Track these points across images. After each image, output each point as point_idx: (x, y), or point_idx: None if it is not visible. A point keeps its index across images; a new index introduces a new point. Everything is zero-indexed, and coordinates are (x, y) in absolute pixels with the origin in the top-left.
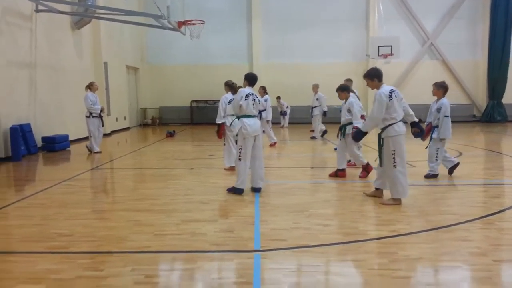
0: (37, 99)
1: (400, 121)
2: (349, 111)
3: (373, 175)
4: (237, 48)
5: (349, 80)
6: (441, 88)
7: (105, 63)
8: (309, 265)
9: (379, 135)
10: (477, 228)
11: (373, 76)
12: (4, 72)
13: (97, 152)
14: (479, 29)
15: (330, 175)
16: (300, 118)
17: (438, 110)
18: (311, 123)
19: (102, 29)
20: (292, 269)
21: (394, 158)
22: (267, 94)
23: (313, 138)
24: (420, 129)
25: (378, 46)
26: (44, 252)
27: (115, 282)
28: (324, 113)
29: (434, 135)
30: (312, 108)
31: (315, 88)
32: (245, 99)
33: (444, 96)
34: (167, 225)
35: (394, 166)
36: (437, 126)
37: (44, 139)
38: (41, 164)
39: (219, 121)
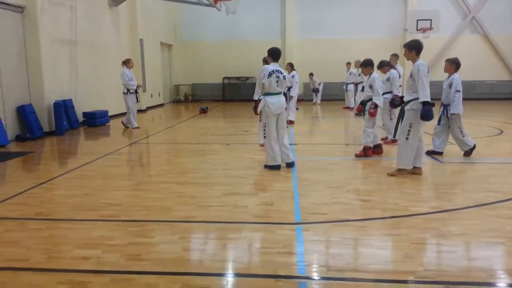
0: (78, 75)
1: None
2: (371, 87)
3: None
4: (270, 24)
5: (395, 55)
6: (453, 64)
7: (141, 40)
8: (351, 238)
9: (402, 107)
10: None
11: (412, 48)
12: (48, 49)
13: (135, 128)
14: None
15: (357, 155)
16: (332, 95)
17: (450, 86)
18: (343, 99)
19: (138, 6)
20: (334, 241)
21: (409, 130)
22: (294, 70)
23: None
24: (400, 99)
25: (417, 20)
26: (97, 220)
27: (166, 249)
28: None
29: (449, 114)
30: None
31: (348, 65)
32: (268, 77)
33: (455, 72)
34: (210, 197)
35: (407, 138)
36: (449, 104)
37: (85, 114)
38: (83, 139)
39: (256, 97)
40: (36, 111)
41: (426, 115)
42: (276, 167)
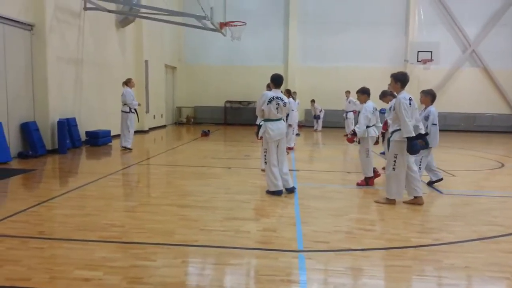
0: (82, 94)
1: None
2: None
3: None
4: (273, 50)
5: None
6: (428, 95)
7: (146, 61)
8: (354, 268)
9: (389, 138)
10: None
11: (398, 80)
12: (54, 67)
13: (129, 149)
14: None
15: (358, 184)
16: (333, 122)
17: (426, 118)
18: (344, 127)
19: (144, 28)
20: (337, 271)
21: (395, 161)
22: (291, 97)
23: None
24: (425, 141)
25: (418, 52)
26: (98, 240)
27: (168, 273)
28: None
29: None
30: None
31: (347, 94)
32: (268, 103)
33: (432, 104)
34: (212, 221)
35: (393, 168)
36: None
37: (87, 133)
38: (85, 158)
39: (258, 122)
40: (40, 128)
41: (412, 149)
42: (278, 193)
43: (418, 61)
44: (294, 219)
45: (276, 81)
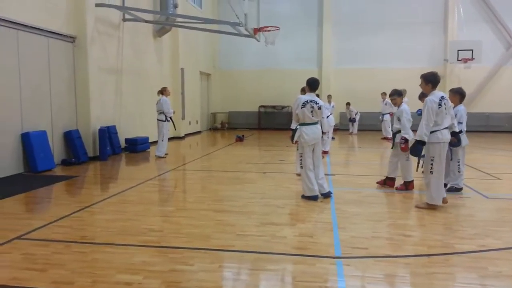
0: (122, 103)
1: (444, 128)
2: (399, 119)
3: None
4: (307, 53)
5: None
6: (457, 94)
7: (182, 69)
8: (393, 275)
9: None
10: None
11: (428, 81)
12: (95, 77)
13: (165, 156)
14: None
15: (378, 183)
16: (369, 125)
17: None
18: (380, 130)
19: (180, 37)
20: (377, 278)
21: (432, 164)
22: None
23: None
24: (457, 139)
25: (458, 50)
26: (139, 245)
27: (206, 277)
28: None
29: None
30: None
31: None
32: (302, 107)
33: (461, 103)
34: (248, 226)
35: (431, 172)
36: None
37: (127, 140)
38: (124, 164)
39: (293, 126)
40: (82, 136)
41: (414, 152)
42: (314, 198)
43: (458, 60)
44: (330, 225)
45: (312, 85)
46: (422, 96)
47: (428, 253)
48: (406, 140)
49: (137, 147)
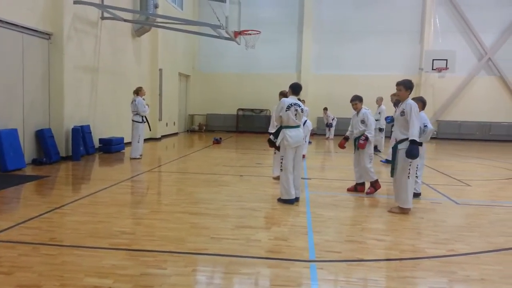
0: (97, 102)
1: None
2: (362, 121)
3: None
4: (287, 58)
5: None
6: (419, 102)
7: (160, 69)
8: (366, 279)
9: (396, 147)
10: None
11: (408, 87)
12: (71, 75)
13: (139, 157)
14: None
15: (349, 189)
16: (345, 130)
17: None
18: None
19: (160, 37)
20: (349, 282)
21: (409, 169)
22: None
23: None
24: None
25: (433, 60)
26: (109, 248)
27: (179, 282)
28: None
29: None
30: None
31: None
32: (286, 110)
33: (422, 110)
34: (222, 229)
35: (408, 176)
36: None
37: (101, 140)
38: (98, 165)
39: (271, 130)
40: (54, 135)
41: (412, 153)
42: (291, 201)
43: (433, 69)
44: (305, 228)
45: (296, 89)
46: (398, 103)
47: (400, 257)
48: (367, 138)
49: (112, 147)
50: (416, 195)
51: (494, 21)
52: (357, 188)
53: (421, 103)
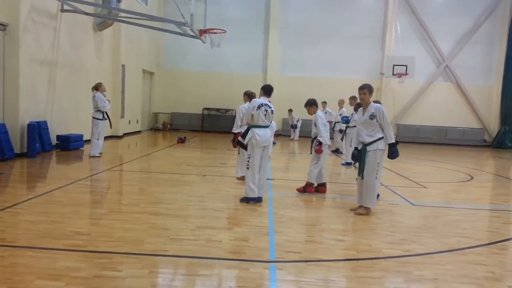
0: (55, 97)
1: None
2: (315, 124)
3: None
4: (253, 59)
5: (354, 98)
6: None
7: (123, 65)
8: (324, 279)
9: (365, 149)
10: (492, 253)
11: (372, 91)
12: (27, 69)
13: (99, 155)
14: (495, 55)
15: (309, 191)
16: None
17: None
18: None
19: (122, 33)
20: (308, 282)
21: (377, 170)
22: None
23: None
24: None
25: (393, 65)
26: (63, 249)
27: (134, 284)
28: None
29: None
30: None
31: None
32: (257, 109)
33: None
34: (183, 230)
35: (376, 177)
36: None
37: (59, 137)
38: (54, 162)
39: (235, 130)
40: (9, 131)
41: (393, 155)
42: (255, 200)
43: (393, 74)
44: (267, 229)
45: (268, 90)
46: (358, 107)
47: (357, 257)
48: (320, 143)
49: (70, 144)
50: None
51: (452, 30)
52: (319, 188)
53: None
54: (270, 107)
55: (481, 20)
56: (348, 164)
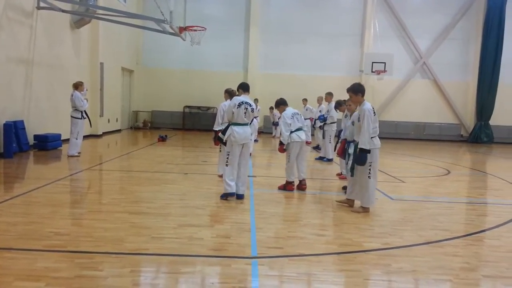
0: (32, 96)
1: (377, 135)
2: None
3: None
4: (234, 56)
5: (330, 94)
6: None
7: (102, 63)
8: (306, 273)
9: (355, 148)
10: (467, 245)
11: (357, 91)
12: (2, 67)
13: (78, 154)
14: (471, 51)
15: (289, 188)
16: None
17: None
18: None
19: (101, 30)
20: (289, 277)
21: (370, 169)
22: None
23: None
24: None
25: (372, 62)
26: (42, 250)
27: (115, 283)
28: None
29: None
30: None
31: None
32: (238, 107)
33: None
34: (164, 228)
35: (369, 177)
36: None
37: (36, 137)
38: (32, 163)
39: (216, 128)
40: None
41: (361, 160)
42: (231, 194)
43: (372, 71)
44: (249, 225)
45: (246, 87)
46: (338, 105)
47: (338, 251)
48: (281, 142)
49: (48, 144)
50: None
51: (429, 27)
52: (286, 186)
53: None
54: (250, 105)
55: (457, 17)
56: (329, 160)
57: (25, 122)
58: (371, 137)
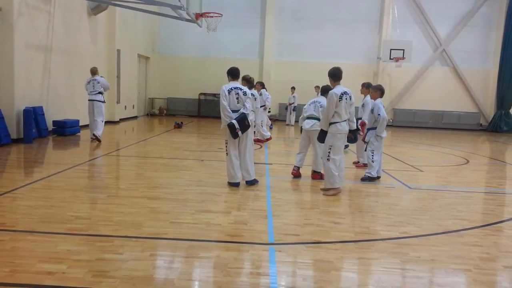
0: (50, 82)
1: (344, 121)
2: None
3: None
4: (249, 44)
5: (318, 87)
6: (378, 91)
7: (118, 50)
8: (323, 260)
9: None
10: (487, 235)
11: (331, 75)
12: (21, 54)
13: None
14: (492, 39)
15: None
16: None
17: (372, 110)
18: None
19: (117, 17)
20: (306, 263)
21: (329, 152)
22: (264, 88)
23: None
24: (354, 136)
25: (390, 50)
26: (63, 233)
27: (135, 266)
28: None
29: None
30: None
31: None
32: (228, 94)
33: (380, 98)
34: (182, 214)
35: (328, 159)
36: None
37: (55, 122)
38: (52, 148)
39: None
40: (5, 116)
41: (320, 138)
42: (235, 185)
43: (390, 59)
44: (265, 212)
45: (234, 74)
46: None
47: (355, 239)
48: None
49: (66, 130)
50: (372, 178)
51: (449, 14)
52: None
53: (380, 91)
54: (241, 89)
55: (478, 3)
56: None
57: (44, 108)
58: (336, 122)
